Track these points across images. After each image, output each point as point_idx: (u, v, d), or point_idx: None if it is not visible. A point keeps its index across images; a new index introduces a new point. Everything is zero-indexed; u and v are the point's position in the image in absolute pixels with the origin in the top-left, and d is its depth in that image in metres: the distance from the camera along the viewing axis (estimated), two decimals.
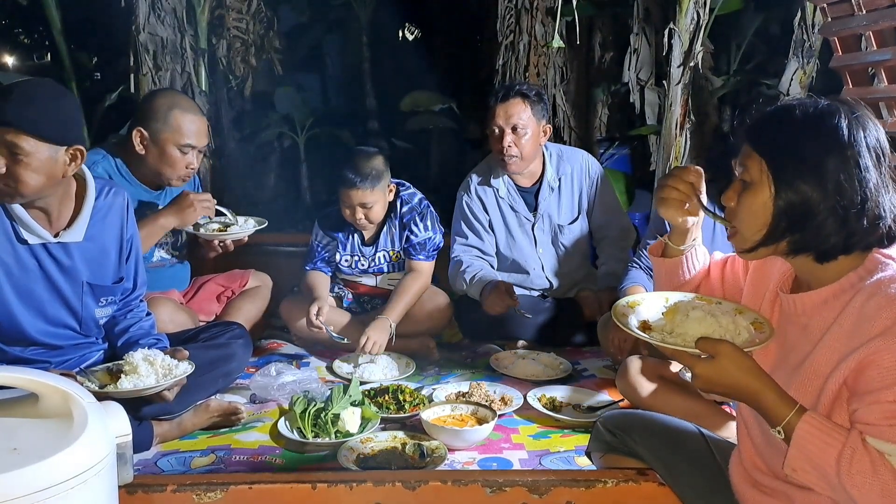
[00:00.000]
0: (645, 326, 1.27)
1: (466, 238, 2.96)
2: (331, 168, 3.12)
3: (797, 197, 1.12)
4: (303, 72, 6.97)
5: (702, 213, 1.37)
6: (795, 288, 1.24)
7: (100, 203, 1.93)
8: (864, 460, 1.04)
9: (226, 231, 2.50)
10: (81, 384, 1.75)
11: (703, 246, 1.46)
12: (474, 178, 2.98)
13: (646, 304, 1.33)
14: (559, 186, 2.93)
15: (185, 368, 1.86)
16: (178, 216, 2.36)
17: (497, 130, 2.76)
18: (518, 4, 4.72)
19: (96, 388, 1.77)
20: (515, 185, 2.93)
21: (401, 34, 8.43)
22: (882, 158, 1.12)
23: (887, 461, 1.04)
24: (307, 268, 2.88)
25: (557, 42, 3.41)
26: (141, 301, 2.13)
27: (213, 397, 2.16)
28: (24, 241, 1.79)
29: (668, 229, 1.46)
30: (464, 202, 2.98)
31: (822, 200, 1.10)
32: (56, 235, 1.84)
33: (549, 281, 2.98)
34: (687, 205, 1.36)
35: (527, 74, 4.75)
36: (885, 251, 1.14)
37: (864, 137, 1.11)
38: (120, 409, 1.33)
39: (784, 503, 1.23)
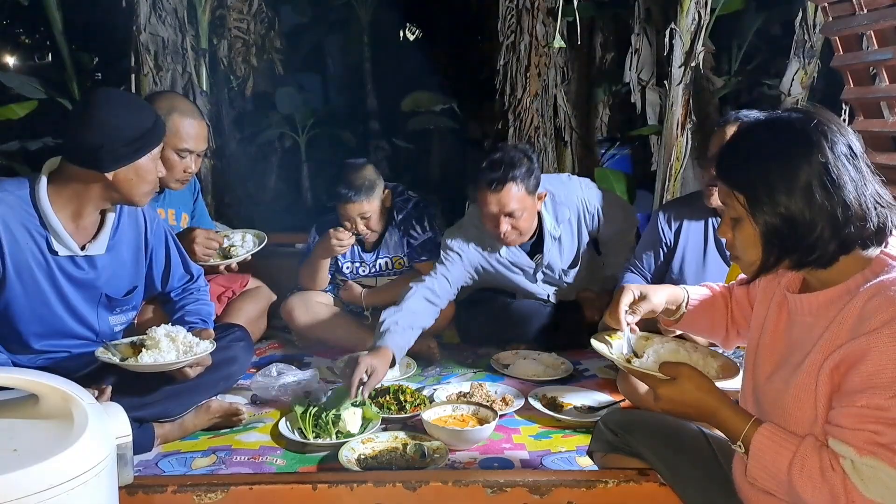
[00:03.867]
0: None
1: (444, 266, 2.65)
2: (332, 168, 3.11)
3: (779, 223, 1.14)
4: (304, 72, 6.97)
5: (655, 298, 1.54)
6: (804, 288, 1.25)
7: (122, 216, 1.95)
8: (814, 466, 1.08)
9: (228, 257, 2.48)
10: (104, 355, 1.80)
11: (687, 288, 1.58)
12: (469, 234, 2.71)
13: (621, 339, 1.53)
14: (560, 235, 2.78)
15: (205, 346, 1.88)
16: None
17: (491, 215, 2.55)
18: (519, 5, 4.71)
19: (117, 361, 1.80)
20: None
21: (402, 34, 8.42)
22: (853, 158, 1.12)
23: (838, 466, 1.06)
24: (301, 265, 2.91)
25: (558, 42, 3.41)
26: (201, 286, 2.20)
27: (213, 398, 2.16)
28: (54, 252, 1.81)
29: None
30: (455, 246, 2.68)
31: (804, 220, 1.12)
32: (83, 248, 1.86)
33: (554, 297, 2.94)
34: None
35: (528, 74, 4.75)
36: (892, 252, 1.14)
37: (829, 146, 1.11)
38: (120, 410, 1.33)
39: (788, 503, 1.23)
